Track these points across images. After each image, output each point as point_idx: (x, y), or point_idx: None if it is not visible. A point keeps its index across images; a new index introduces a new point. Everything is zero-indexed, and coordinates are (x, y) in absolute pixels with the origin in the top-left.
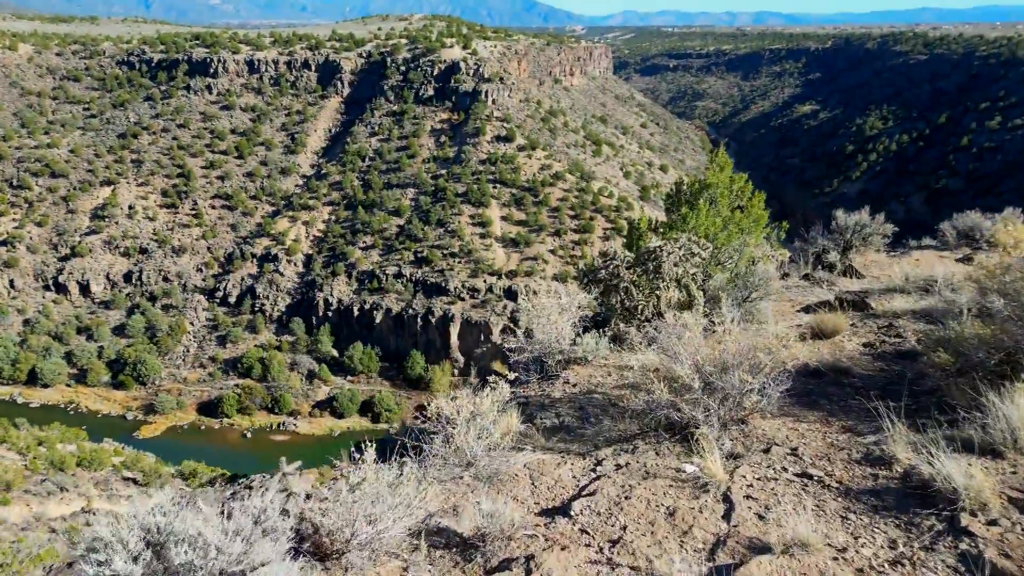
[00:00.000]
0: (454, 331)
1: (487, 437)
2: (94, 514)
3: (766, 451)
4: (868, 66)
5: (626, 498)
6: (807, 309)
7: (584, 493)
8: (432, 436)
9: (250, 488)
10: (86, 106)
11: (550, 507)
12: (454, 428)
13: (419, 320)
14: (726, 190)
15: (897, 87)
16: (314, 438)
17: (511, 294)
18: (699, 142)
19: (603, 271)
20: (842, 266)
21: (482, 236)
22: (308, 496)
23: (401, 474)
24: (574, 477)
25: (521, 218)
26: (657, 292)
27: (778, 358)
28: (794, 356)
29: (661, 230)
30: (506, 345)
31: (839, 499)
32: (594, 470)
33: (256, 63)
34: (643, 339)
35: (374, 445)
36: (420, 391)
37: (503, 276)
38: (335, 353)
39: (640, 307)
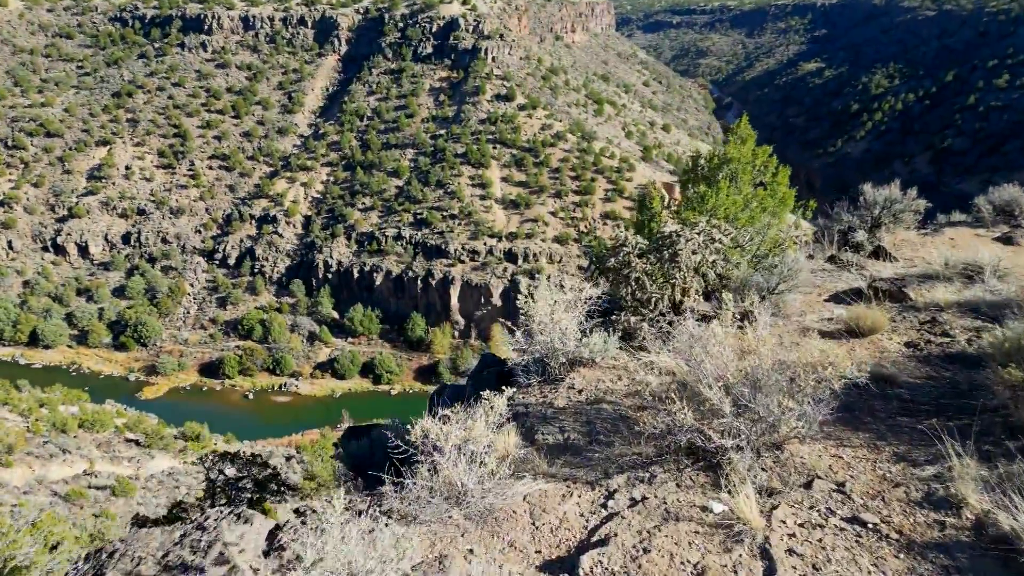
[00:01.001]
0: (454, 293)
1: (481, 466)
2: (96, 476)
3: (807, 486)
4: (875, 23)
5: (644, 551)
6: (837, 299)
7: (595, 541)
8: (416, 462)
9: (199, 536)
10: (79, 64)
11: (554, 558)
12: (442, 456)
13: (419, 282)
14: (748, 165)
15: (904, 44)
16: (315, 399)
17: (511, 256)
18: (702, 101)
19: (612, 259)
20: (871, 246)
21: (482, 198)
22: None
23: (373, 530)
24: (581, 515)
25: (521, 179)
26: (673, 283)
27: (820, 371)
28: (839, 374)
29: (675, 209)
30: (505, 346)
31: (901, 555)
32: (605, 505)
33: (251, 19)
34: (657, 336)
35: (342, 493)
36: (421, 353)
37: (503, 238)
38: (335, 315)
39: (653, 300)
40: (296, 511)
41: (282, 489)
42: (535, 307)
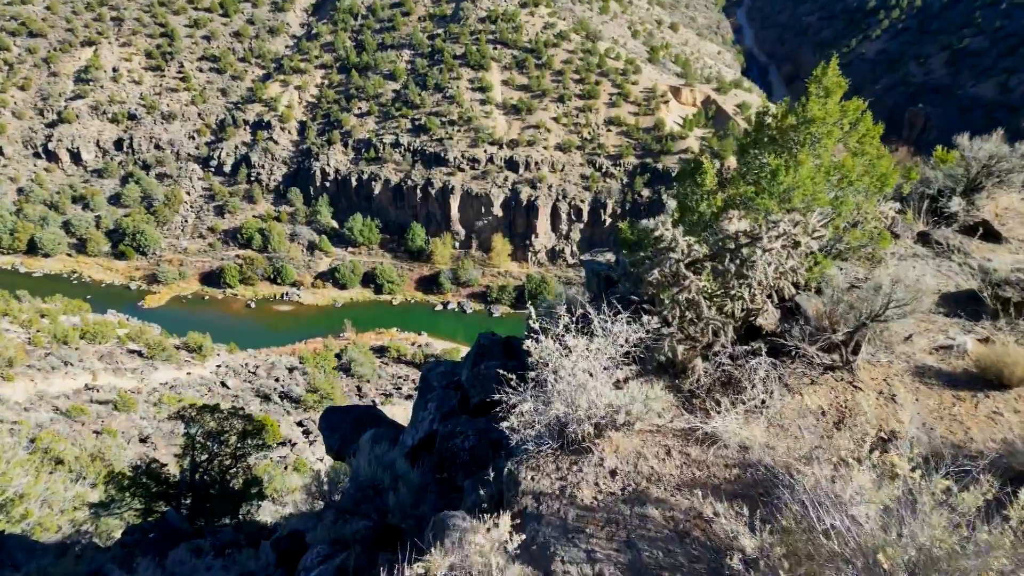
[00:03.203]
0: (454, 203)
1: None
2: (97, 391)
3: None
4: None
5: None
6: (949, 307)
7: None
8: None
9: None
10: None
11: None
12: None
13: (418, 191)
14: (835, 127)
15: None
16: (317, 308)
17: (512, 165)
18: None
19: (655, 271)
20: (967, 218)
21: (482, 102)
22: None
23: None
24: None
25: (523, 83)
26: (740, 304)
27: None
28: None
29: (733, 187)
30: (509, 405)
31: None
32: None
33: None
34: (717, 380)
35: None
36: (422, 263)
37: (504, 146)
38: (335, 224)
39: (713, 329)
40: (298, 423)
41: (266, 443)
42: (551, 353)
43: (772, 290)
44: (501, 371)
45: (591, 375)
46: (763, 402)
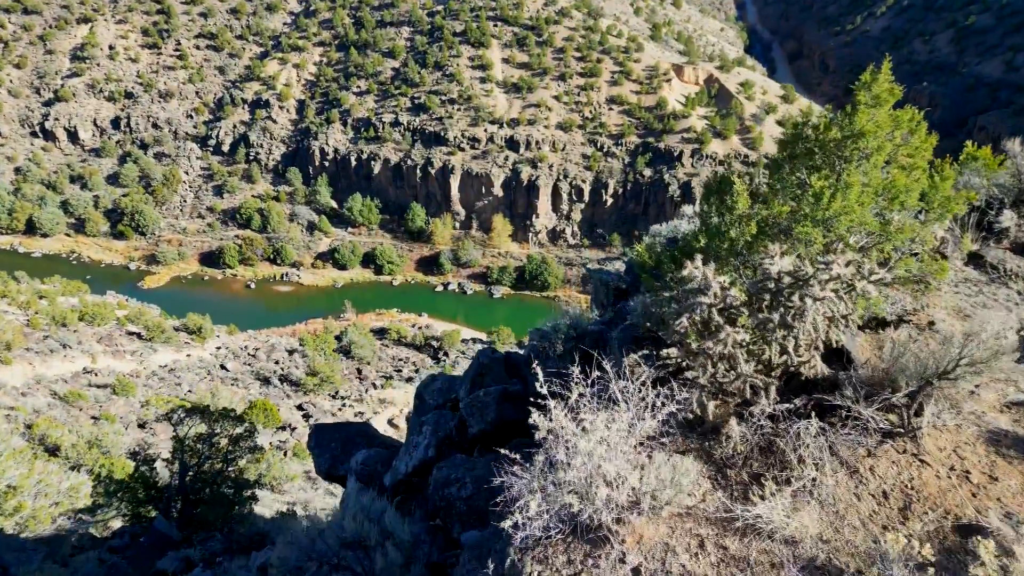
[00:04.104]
0: (454, 183)
1: None
2: (96, 374)
3: None
4: None
5: None
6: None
7: None
8: None
9: None
10: None
11: None
12: None
13: (418, 171)
14: (887, 141)
15: None
16: (317, 289)
17: (513, 144)
18: None
19: (682, 319)
20: (1020, 234)
21: (482, 81)
22: None
23: None
24: None
25: (523, 60)
26: (789, 359)
27: None
28: None
29: (765, 208)
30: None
31: None
32: None
33: None
34: (763, 460)
35: None
36: (422, 243)
37: (504, 125)
38: (334, 204)
39: (752, 388)
40: (298, 407)
41: (258, 446)
42: (562, 425)
43: (821, 341)
44: (504, 454)
45: (609, 445)
46: (813, 480)
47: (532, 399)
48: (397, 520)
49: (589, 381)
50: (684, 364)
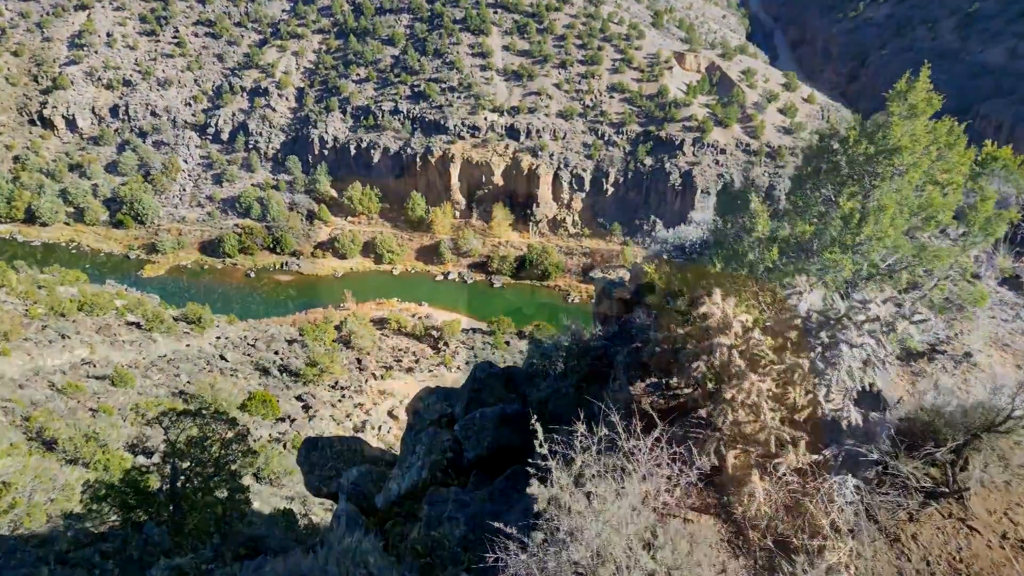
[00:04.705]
0: (454, 172)
1: None
2: (94, 365)
3: None
4: None
5: None
6: None
7: None
8: None
9: None
10: None
11: None
12: None
13: (418, 160)
14: (923, 157)
15: None
16: (317, 278)
17: (513, 133)
18: None
19: (699, 362)
20: None
21: (482, 68)
22: None
23: None
24: None
25: (524, 48)
26: (820, 409)
27: None
28: None
29: (785, 227)
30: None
31: None
32: None
33: None
34: (792, 522)
35: None
36: (422, 232)
37: (504, 113)
38: (334, 193)
39: (776, 440)
40: (298, 397)
41: (251, 450)
42: (567, 496)
43: (855, 389)
44: (496, 523)
45: (616, 524)
46: (851, 551)
47: (531, 461)
48: (381, 563)
49: (595, 439)
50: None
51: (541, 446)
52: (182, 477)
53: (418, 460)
